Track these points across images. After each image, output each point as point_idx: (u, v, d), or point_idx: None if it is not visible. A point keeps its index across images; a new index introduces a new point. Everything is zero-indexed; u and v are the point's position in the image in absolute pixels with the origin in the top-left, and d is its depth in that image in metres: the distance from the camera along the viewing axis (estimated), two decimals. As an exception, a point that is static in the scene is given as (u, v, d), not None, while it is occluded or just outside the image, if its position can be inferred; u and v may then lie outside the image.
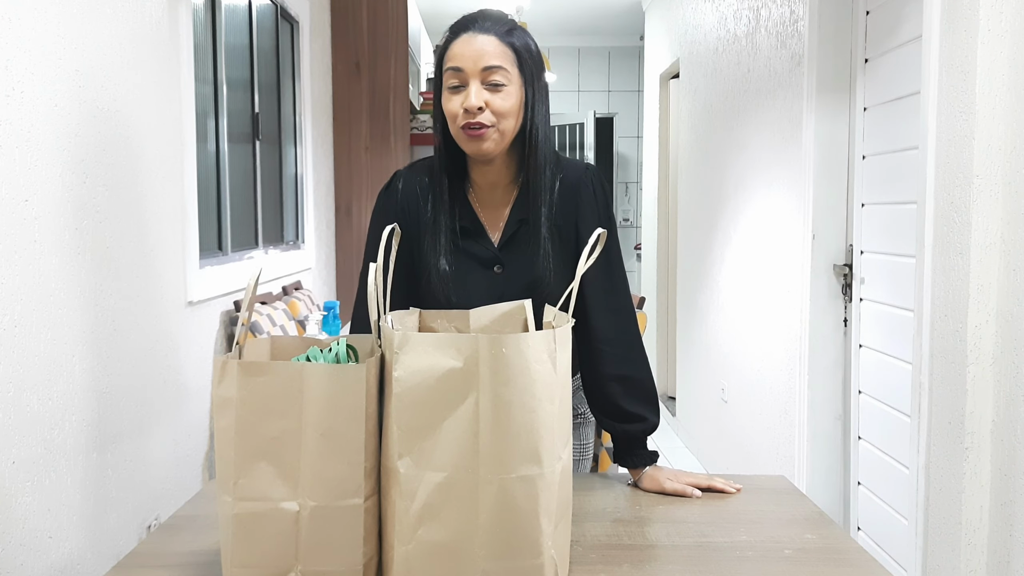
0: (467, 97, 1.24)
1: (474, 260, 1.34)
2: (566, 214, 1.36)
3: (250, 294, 0.99)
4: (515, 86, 1.27)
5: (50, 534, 1.58)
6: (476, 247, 1.35)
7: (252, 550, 0.96)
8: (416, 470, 0.92)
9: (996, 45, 1.71)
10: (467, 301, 1.26)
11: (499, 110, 1.25)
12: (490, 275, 1.34)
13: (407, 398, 0.93)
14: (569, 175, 1.38)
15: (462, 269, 1.33)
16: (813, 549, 1.14)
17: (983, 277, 1.74)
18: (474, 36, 1.26)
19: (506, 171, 1.36)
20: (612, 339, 1.36)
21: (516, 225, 1.35)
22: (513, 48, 1.27)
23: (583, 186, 1.37)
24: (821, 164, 2.65)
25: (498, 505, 0.91)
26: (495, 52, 1.25)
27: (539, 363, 0.92)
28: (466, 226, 1.35)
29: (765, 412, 3.18)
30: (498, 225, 1.36)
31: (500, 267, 1.34)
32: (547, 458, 0.93)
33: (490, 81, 1.25)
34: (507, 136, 1.29)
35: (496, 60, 1.25)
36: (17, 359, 1.48)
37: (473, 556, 0.92)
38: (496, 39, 1.26)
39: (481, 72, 1.25)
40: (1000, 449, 1.72)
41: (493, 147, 1.28)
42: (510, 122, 1.28)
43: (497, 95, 1.25)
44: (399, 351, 0.93)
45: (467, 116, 1.25)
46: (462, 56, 1.25)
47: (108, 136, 1.80)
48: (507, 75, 1.26)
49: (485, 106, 1.25)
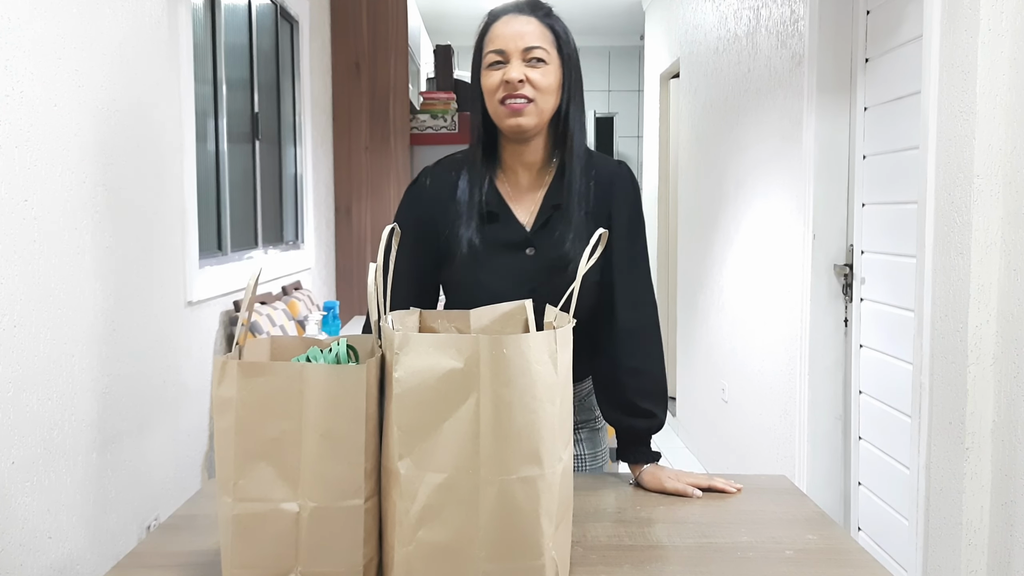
0: (508, 71, 1.28)
1: (502, 243, 1.35)
2: (600, 204, 1.37)
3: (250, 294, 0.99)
4: (554, 65, 1.31)
5: (49, 534, 1.58)
6: (504, 231, 1.36)
7: (252, 551, 0.96)
8: (416, 471, 0.92)
9: (997, 45, 1.71)
10: (494, 283, 1.29)
11: (539, 85, 1.28)
12: (521, 257, 1.35)
13: (407, 399, 0.92)
14: (604, 168, 1.40)
15: (489, 251, 1.34)
16: (814, 549, 1.13)
17: (984, 277, 1.74)
18: (515, 17, 1.30)
19: (540, 152, 1.37)
20: (633, 330, 1.37)
21: (550, 211, 1.36)
22: (552, 30, 1.31)
23: (618, 179, 1.40)
24: (821, 164, 2.64)
25: (499, 506, 0.91)
26: (536, 33, 1.29)
27: (540, 364, 0.92)
28: (493, 211, 1.36)
29: (765, 412, 3.18)
30: (530, 210, 1.37)
31: (532, 249, 1.35)
32: (548, 459, 0.92)
33: (531, 58, 1.28)
34: (545, 113, 1.31)
35: (536, 41, 1.29)
36: (16, 359, 1.48)
37: (474, 557, 0.92)
38: (536, 20, 1.30)
39: (522, 52, 1.28)
40: (1001, 449, 1.72)
41: (531, 122, 1.30)
42: (548, 99, 1.31)
43: (537, 71, 1.29)
44: (399, 351, 0.93)
45: (507, 88, 1.28)
46: (503, 37, 1.29)
47: (108, 136, 1.80)
48: (547, 54, 1.30)
49: (526, 80, 1.28)
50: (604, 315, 1.38)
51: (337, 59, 4.01)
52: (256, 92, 3.00)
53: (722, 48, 3.78)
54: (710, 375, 4.01)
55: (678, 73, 4.77)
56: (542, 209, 1.36)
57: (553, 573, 0.94)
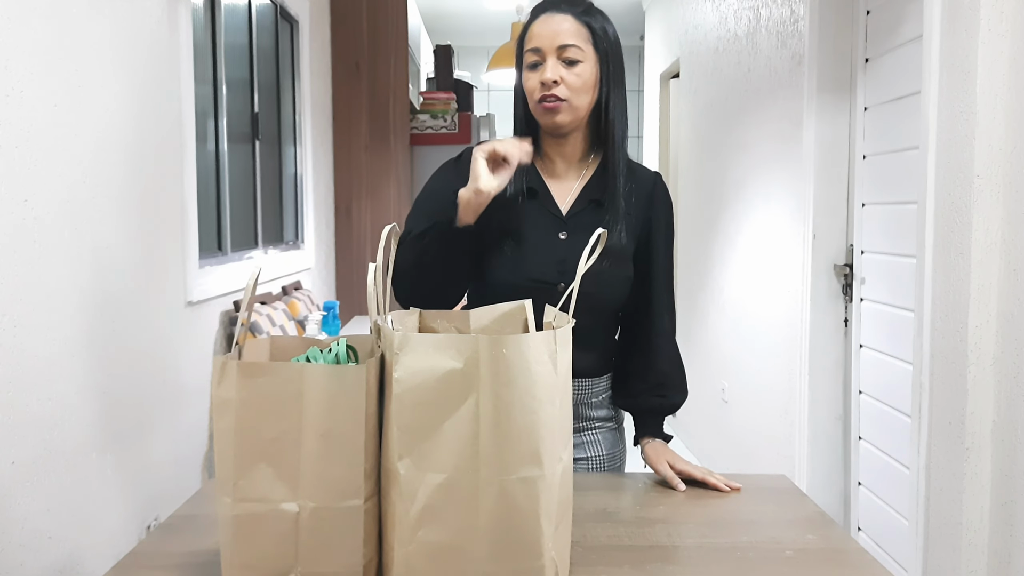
0: (543, 71, 1.31)
1: (539, 222, 1.37)
2: (640, 209, 1.42)
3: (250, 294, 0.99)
4: (590, 63, 1.33)
5: (50, 534, 1.58)
6: (542, 211, 1.38)
7: (252, 551, 0.96)
8: (416, 471, 0.91)
9: (997, 45, 1.71)
10: (528, 259, 1.32)
11: (573, 85, 1.31)
12: (554, 240, 1.37)
13: (407, 399, 0.92)
14: (643, 174, 1.45)
15: (527, 226, 1.36)
16: (814, 550, 1.13)
17: (984, 277, 1.74)
18: (551, 16, 1.33)
19: (579, 147, 1.41)
20: (667, 333, 1.47)
21: (585, 203, 1.39)
22: (589, 27, 1.34)
23: (658, 188, 1.45)
24: (821, 164, 2.64)
25: (499, 507, 0.91)
26: (570, 30, 1.32)
27: (540, 364, 0.92)
28: (533, 187, 1.39)
29: (765, 412, 3.18)
30: (565, 198, 1.40)
31: (566, 234, 1.37)
32: (548, 459, 0.92)
33: (565, 58, 1.31)
34: (580, 111, 1.34)
35: (571, 39, 1.31)
36: (16, 359, 1.48)
37: (474, 558, 0.92)
38: (572, 18, 1.33)
39: (557, 50, 1.31)
40: (1001, 449, 1.72)
41: (566, 120, 1.34)
42: (583, 97, 1.33)
43: (571, 71, 1.31)
44: (399, 352, 0.92)
45: (543, 89, 1.31)
46: (540, 36, 1.33)
47: (108, 136, 1.80)
48: (582, 52, 1.32)
49: (560, 80, 1.31)
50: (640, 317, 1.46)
51: (337, 59, 4.01)
52: (256, 92, 3.00)
53: (722, 48, 3.78)
54: (710, 375, 4.01)
55: (678, 73, 4.78)
56: (579, 200, 1.39)
57: (553, 573, 0.94)
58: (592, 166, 1.41)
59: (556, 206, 1.39)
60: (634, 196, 1.40)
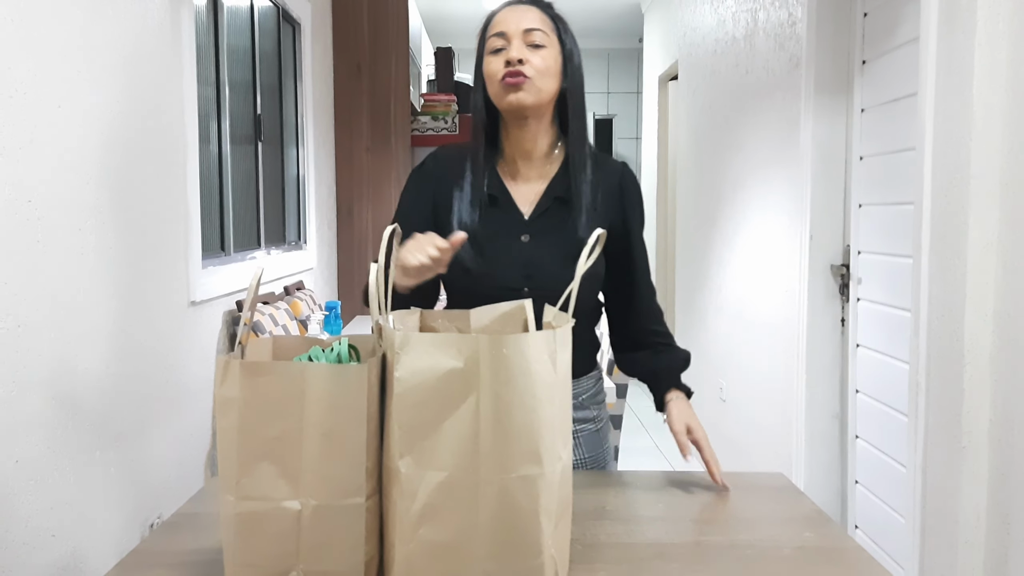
0: (509, 51, 1.33)
1: (501, 228, 1.38)
2: (610, 202, 1.42)
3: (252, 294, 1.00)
4: (554, 50, 1.35)
5: (53, 532, 1.59)
6: (503, 217, 1.38)
7: (254, 549, 0.97)
8: (417, 470, 0.92)
9: (994, 47, 1.72)
10: (490, 268, 1.33)
11: (538, 67, 1.33)
12: (517, 244, 1.37)
13: (408, 398, 0.93)
14: (609, 167, 1.45)
15: (487, 235, 1.36)
16: (812, 548, 1.14)
17: (980, 277, 1.75)
18: (517, 6, 1.36)
19: (541, 140, 1.40)
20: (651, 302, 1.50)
21: (550, 202, 1.39)
22: (553, 18, 1.37)
23: (626, 180, 1.46)
24: (819, 165, 2.65)
25: (499, 505, 0.91)
26: (536, 18, 1.35)
27: (540, 363, 0.92)
28: (494, 195, 1.39)
29: (763, 411, 3.19)
30: (529, 199, 1.40)
31: (528, 236, 1.37)
32: (547, 458, 0.93)
33: (530, 41, 1.33)
34: (543, 94, 1.34)
35: (537, 23, 1.34)
36: (20, 359, 1.49)
37: (474, 556, 0.92)
38: (538, 9, 1.36)
39: (523, 33, 1.33)
40: (997, 448, 1.73)
41: (529, 98, 1.33)
42: (547, 81, 1.34)
43: (537, 53, 1.33)
44: (400, 351, 0.93)
45: (508, 67, 1.32)
46: (505, 21, 1.35)
47: (111, 137, 1.81)
48: (547, 38, 1.34)
49: (526, 60, 1.32)
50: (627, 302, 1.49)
51: (339, 61, 4.02)
52: (259, 94, 3.01)
53: (720, 50, 3.79)
54: (708, 374, 4.02)
55: (677, 75, 4.78)
56: (543, 200, 1.39)
57: (552, 571, 0.95)
58: (556, 163, 1.41)
59: (518, 210, 1.39)
60: (602, 188, 1.41)
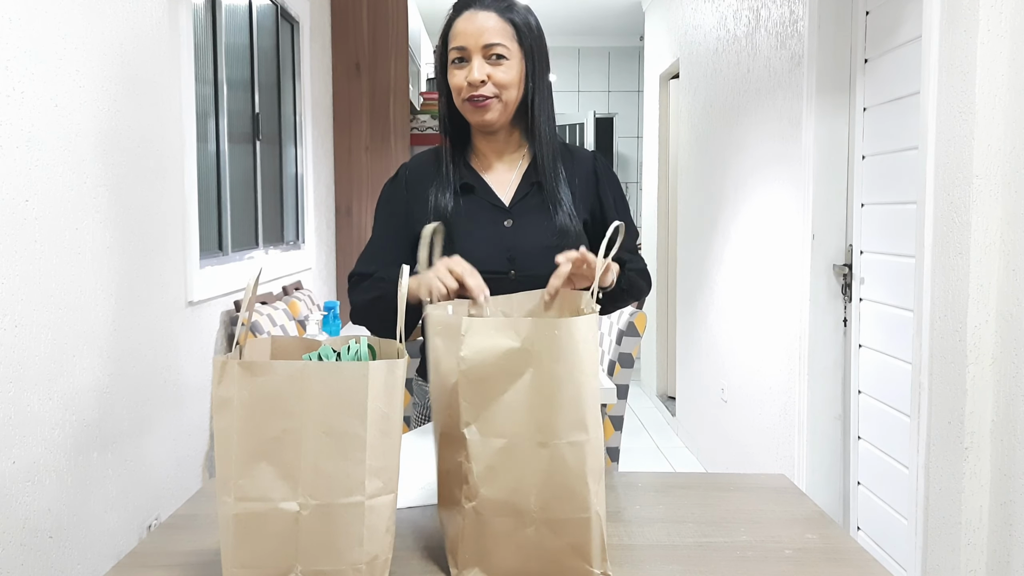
0: (470, 71, 1.33)
1: (481, 216, 1.38)
2: (586, 188, 1.43)
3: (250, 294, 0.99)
4: (515, 59, 1.35)
5: (50, 534, 1.58)
6: (483, 204, 1.39)
7: (252, 550, 0.96)
8: (480, 436, 1.04)
9: (996, 45, 1.71)
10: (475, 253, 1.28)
11: (500, 82, 1.34)
12: (500, 230, 1.38)
13: (472, 374, 1.03)
14: (579, 156, 1.47)
15: (469, 220, 1.37)
16: (814, 549, 1.14)
17: (983, 277, 1.75)
18: (475, 14, 1.34)
19: (511, 140, 1.43)
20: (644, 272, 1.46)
21: (529, 187, 1.40)
22: (512, 23, 1.35)
23: (599, 164, 1.48)
24: (821, 164, 2.65)
25: (551, 467, 1.02)
26: (495, 28, 1.33)
27: (585, 343, 1.03)
28: (469, 183, 1.40)
29: (765, 412, 3.18)
30: (506, 187, 1.41)
31: (511, 221, 1.38)
32: (592, 426, 1.03)
33: (491, 55, 1.33)
34: (509, 106, 1.37)
35: (496, 37, 1.33)
36: (18, 359, 1.48)
37: (530, 511, 1.03)
38: (496, 15, 1.34)
39: (483, 48, 1.33)
40: (1000, 449, 1.72)
41: (496, 117, 1.36)
42: (512, 93, 1.36)
43: (499, 68, 1.33)
44: (465, 334, 1.03)
45: (471, 89, 1.33)
46: (464, 34, 1.34)
47: (108, 136, 1.80)
48: (507, 50, 1.34)
49: (488, 79, 1.33)
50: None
51: (337, 59, 4.02)
52: (257, 92, 3.01)
53: (722, 49, 3.78)
54: (710, 375, 4.02)
55: (678, 74, 4.78)
56: (521, 186, 1.41)
57: (598, 524, 1.04)
58: (529, 153, 1.43)
59: (496, 197, 1.40)
60: (577, 177, 1.43)
